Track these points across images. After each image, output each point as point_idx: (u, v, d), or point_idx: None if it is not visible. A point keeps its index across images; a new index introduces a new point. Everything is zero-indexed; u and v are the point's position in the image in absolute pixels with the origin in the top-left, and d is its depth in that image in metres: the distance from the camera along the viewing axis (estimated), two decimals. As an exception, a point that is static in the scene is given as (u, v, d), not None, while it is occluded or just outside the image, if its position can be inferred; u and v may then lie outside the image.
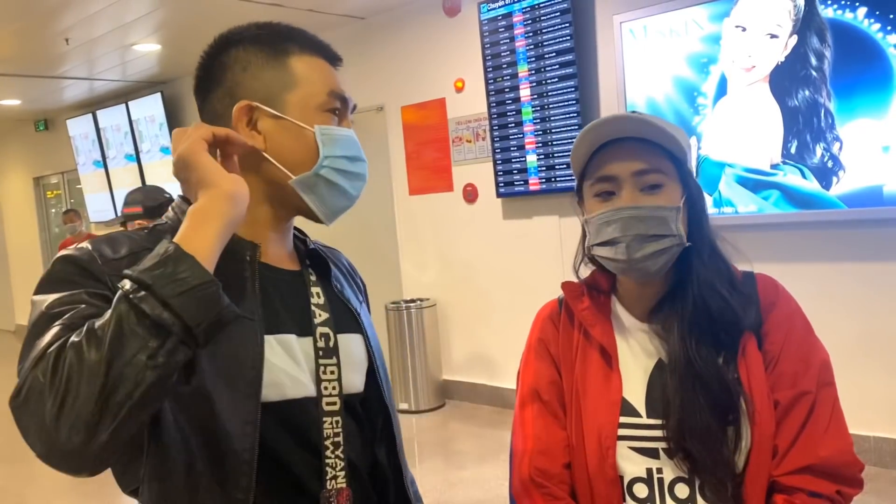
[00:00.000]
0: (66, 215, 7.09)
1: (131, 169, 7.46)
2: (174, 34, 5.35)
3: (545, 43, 4.29)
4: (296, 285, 1.02)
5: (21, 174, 9.88)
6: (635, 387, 1.14)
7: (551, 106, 4.32)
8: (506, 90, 4.52)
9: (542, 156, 4.43)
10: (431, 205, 5.14)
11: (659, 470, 1.10)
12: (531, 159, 4.48)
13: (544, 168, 4.43)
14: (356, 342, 1.05)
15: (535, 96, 4.38)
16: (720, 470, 1.05)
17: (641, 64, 3.90)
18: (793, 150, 3.46)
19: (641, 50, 3.89)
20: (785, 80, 3.44)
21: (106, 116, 7.61)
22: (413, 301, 5.09)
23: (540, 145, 4.43)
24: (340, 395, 0.99)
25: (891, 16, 3.15)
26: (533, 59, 4.36)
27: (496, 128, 4.61)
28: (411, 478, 1.14)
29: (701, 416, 1.05)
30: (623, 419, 1.11)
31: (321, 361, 0.98)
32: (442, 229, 5.12)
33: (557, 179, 4.38)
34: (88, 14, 4.72)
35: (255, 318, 0.93)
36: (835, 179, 3.36)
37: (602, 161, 1.12)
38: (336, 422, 0.97)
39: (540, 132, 4.41)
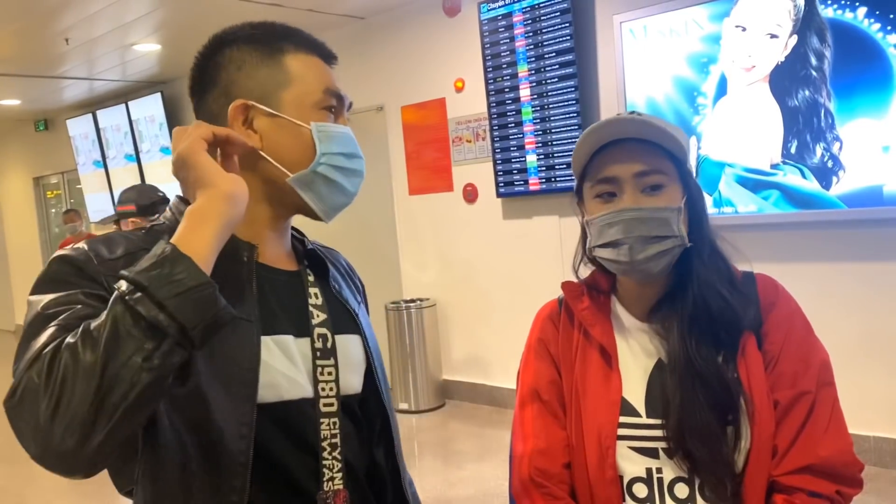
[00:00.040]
0: (67, 215, 7.09)
1: (131, 169, 7.46)
2: (174, 34, 5.35)
3: (545, 43, 4.29)
4: (294, 286, 1.01)
5: (21, 174, 9.88)
6: (635, 387, 1.14)
7: (551, 106, 4.32)
8: (506, 90, 4.52)
9: (542, 156, 4.43)
10: (431, 205, 5.14)
11: (658, 470, 1.10)
12: (531, 159, 4.48)
13: (544, 168, 4.43)
14: (354, 343, 1.05)
15: (535, 96, 4.38)
16: (720, 469, 1.05)
17: (641, 64, 3.90)
18: (793, 150, 3.46)
19: (641, 50, 3.89)
20: (785, 80, 3.44)
21: (106, 116, 7.61)
22: (413, 301, 5.09)
23: (540, 145, 4.43)
24: (338, 397, 0.98)
25: (891, 16, 3.15)
26: (533, 59, 4.36)
27: (496, 128, 4.61)
28: (409, 479, 1.13)
29: (701, 415, 1.05)
30: (623, 419, 1.12)
31: (318, 362, 0.97)
32: (442, 229, 5.11)
33: (557, 179, 4.38)
34: (88, 14, 4.72)
35: (252, 320, 0.92)
36: (835, 179, 3.36)
37: (603, 162, 1.12)
38: (333, 423, 0.96)
39: (540, 132, 4.41)
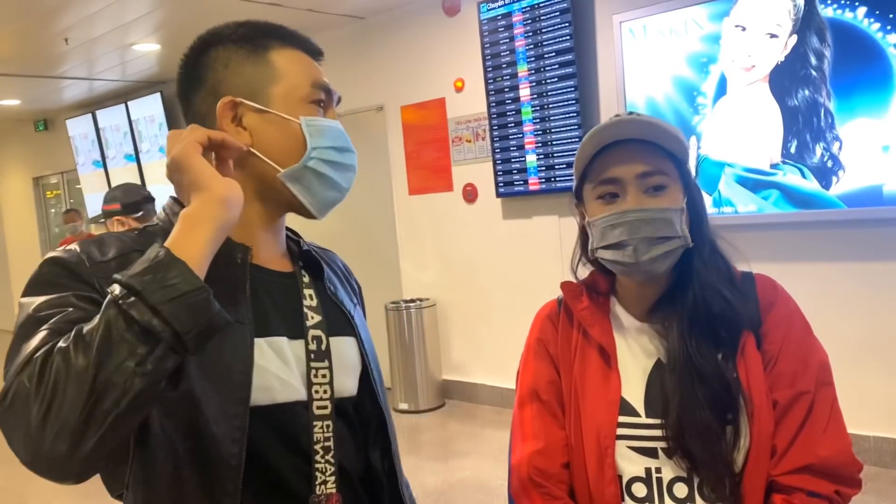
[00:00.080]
0: (67, 214, 7.10)
1: (131, 169, 7.46)
2: (173, 34, 5.34)
3: (545, 43, 4.29)
4: (288, 287, 1.00)
5: (21, 174, 9.88)
6: (634, 386, 1.14)
7: (551, 106, 4.32)
8: (505, 90, 4.52)
9: (542, 155, 4.43)
10: (431, 205, 5.14)
11: (658, 469, 1.10)
12: (531, 159, 4.48)
13: (544, 168, 4.43)
14: (349, 345, 1.04)
15: (535, 96, 4.38)
16: (719, 468, 1.05)
17: (641, 64, 3.90)
18: (792, 150, 3.46)
19: (641, 50, 3.89)
20: (785, 80, 3.44)
21: (105, 116, 7.61)
22: (413, 301, 5.09)
23: (539, 145, 4.43)
24: (332, 399, 0.97)
25: (890, 15, 3.15)
26: (532, 59, 4.36)
27: (496, 127, 4.60)
28: (406, 481, 1.13)
29: (700, 414, 1.05)
30: (622, 419, 1.12)
31: (312, 365, 0.96)
32: (442, 229, 5.11)
33: (557, 179, 4.38)
34: (88, 14, 4.72)
35: (246, 322, 0.91)
36: (834, 179, 3.36)
37: (605, 163, 1.12)
38: (326, 426, 0.95)
39: (539, 132, 4.41)
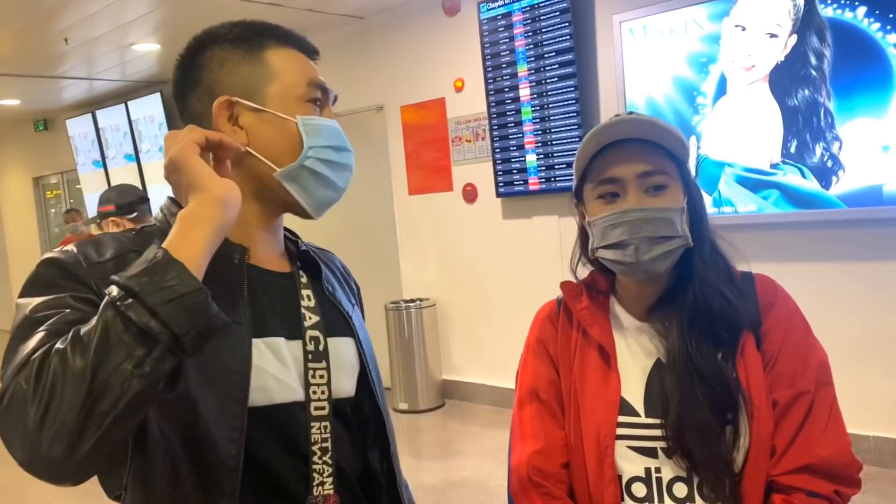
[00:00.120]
0: (68, 214, 7.11)
1: (131, 169, 7.46)
2: (173, 34, 5.34)
3: (545, 42, 4.29)
4: (286, 288, 1.00)
5: (20, 174, 9.88)
6: (634, 386, 1.14)
7: (551, 105, 4.32)
8: (505, 90, 4.52)
9: (542, 155, 4.43)
10: (431, 205, 5.14)
11: (657, 469, 1.10)
12: (531, 159, 4.48)
13: (544, 168, 4.43)
14: (347, 346, 1.04)
15: (535, 96, 4.38)
16: (719, 467, 1.05)
17: (641, 63, 3.90)
18: (792, 150, 3.46)
19: (641, 49, 3.89)
20: (784, 80, 3.44)
21: (105, 116, 7.61)
22: (413, 301, 5.09)
23: (539, 145, 4.42)
24: (329, 400, 0.97)
25: (890, 15, 3.15)
26: (532, 59, 4.36)
27: (496, 127, 4.60)
28: (405, 483, 1.12)
29: (700, 413, 1.05)
30: (621, 418, 1.12)
31: (310, 365, 0.96)
32: (442, 229, 5.11)
33: (557, 179, 4.38)
34: (88, 14, 4.72)
35: (244, 323, 0.91)
36: (834, 179, 3.36)
37: (605, 163, 1.12)
38: (324, 427, 0.95)
39: (539, 132, 4.41)
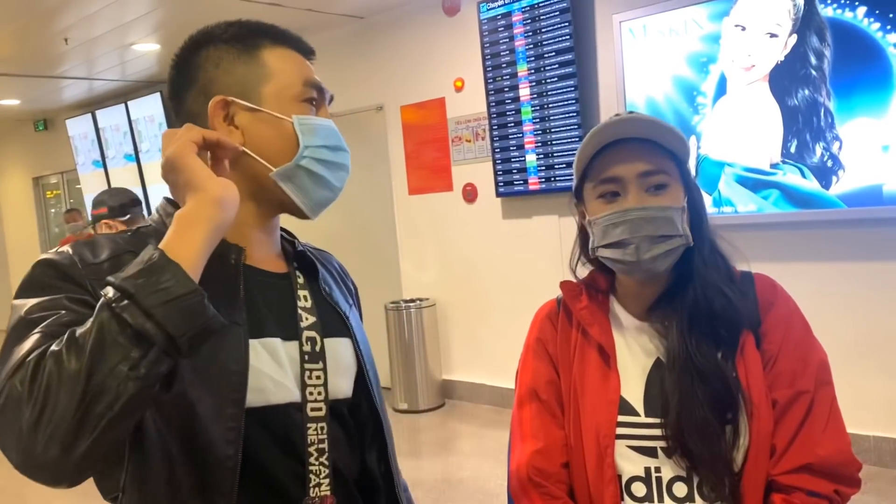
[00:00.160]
0: (69, 214, 7.12)
1: (130, 169, 7.46)
2: (173, 34, 5.34)
3: (545, 42, 4.29)
4: (282, 288, 0.99)
5: (20, 174, 9.88)
6: (634, 386, 1.13)
7: (551, 105, 4.32)
8: (505, 90, 4.52)
9: (542, 155, 4.43)
10: (431, 204, 5.14)
11: (657, 469, 1.10)
12: (530, 159, 4.47)
13: (544, 167, 4.43)
14: (344, 346, 1.03)
15: (535, 96, 4.38)
16: (718, 466, 1.05)
17: (641, 63, 3.90)
18: (792, 150, 3.46)
19: (641, 49, 3.88)
20: (784, 80, 3.44)
21: (105, 116, 7.61)
22: (413, 301, 5.09)
23: (539, 145, 4.42)
24: (326, 401, 0.96)
25: (890, 15, 3.14)
26: (532, 59, 4.36)
27: (495, 127, 4.60)
28: (404, 484, 1.12)
29: (699, 413, 1.05)
30: (621, 418, 1.11)
31: (306, 366, 0.96)
32: (441, 229, 5.11)
33: (557, 179, 4.38)
34: (88, 14, 4.72)
35: (241, 323, 0.90)
36: (834, 179, 3.35)
37: (606, 162, 1.12)
38: (321, 428, 0.95)
39: (539, 132, 4.41)
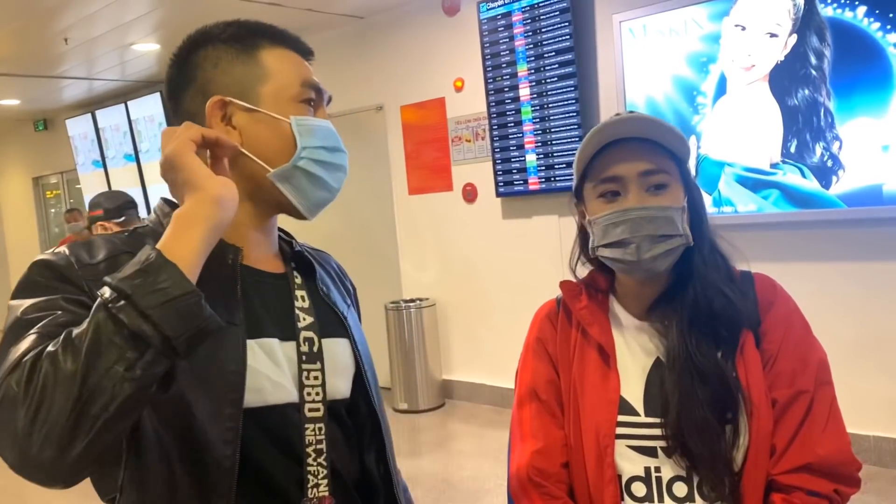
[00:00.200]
0: (70, 214, 7.13)
1: (130, 169, 7.46)
2: (173, 34, 5.34)
3: (544, 42, 4.29)
4: (280, 288, 0.99)
5: (20, 174, 9.88)
6: (633, 385, 1.13)
7: (551, 105, 4.32)
8: (505, 89, 4.52)
9: (542, 155, 4.42)
10: (431, 204, 5.14)
11: (657, 469, 1.10)
12: (530, 159, 4.47)
13: (544, 167, 4.43)
14: (342, 347, 1.03)
15: (535, 95, 4.38)
16: (718, 466, 1.05)
17: (641, 63, 3.90)
18: (792, 150, 3.46)
19: (641, 49, 3.88)
20: (784, 80, 3.44)
21: (105, 116, 7.61)
22: (413, 301, 5.09)
23: (539, 145, 4.42)
24: (324, 401, 0.96)
25: (890, 15, 3.14)
26: (532, 59, 4.36)
27: (495, 127, 4.60)
28: (404, 485, 1.12)
29: (699, 412, 1.05)
30: (621, 418, 1.11)
31: (304, 366, 0.95)
32: (441, 229, 5.11)
33: (557, 179, 4.38)
34: (87, 14, 4.72)
35: (239, 323, 0.90)
36: (834, 179, 3.35)
37: (606, 162, 1.12)
38: (319, 428, 0.94)
39: (539, 131, 4.41)
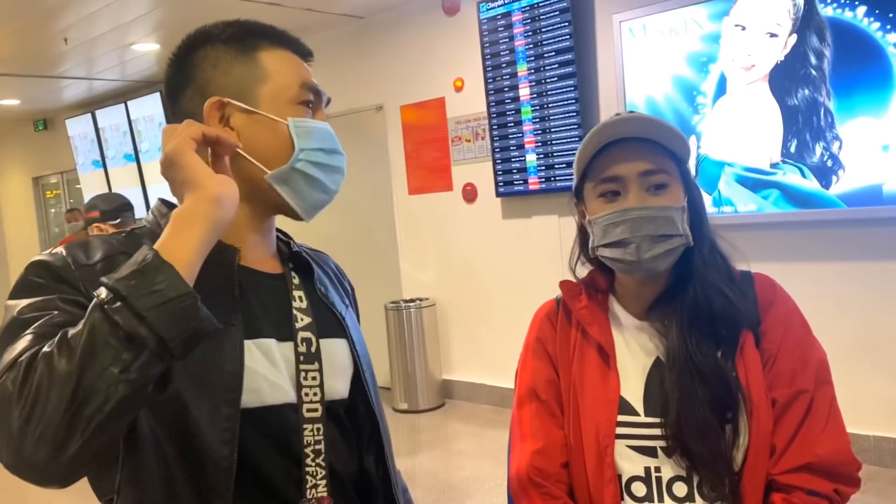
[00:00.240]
0: (70, 213, 7.14)
1: (130, 169, 7.46)
2: (173, 34, 5.33)
3: (544, 42, 4.29)
4: (277, 289, 0.99)
5: (20, 174, 9.88)
6: (633, 385, 1.13)
7: (550, 105, 4.32)
8: (505, 89, 4.52)
9: (542, 155, 4.42)
10: (431, 204, 5.14)
11: (657, 468, 1.10)
12: (530, 158, 4.47)
13: (543, 167, 4.43)
14: (340, 347, 1.02)
15: (535, 95, 4.38)
16: (718, 466, 1.05)
17: (641, 63, 3.89)
18: (792, 150, 3.46)
19: (641, 49, 3.88)
20: (784, 79, 3.44)
21: (105, 116, 7.60)
22: (413, 301, 5.09)
23: (539, 144, 4.42)
24: (322, 402, 0.96)
25: (890, 14, 3.14)
26: (532, 59, 4.36)
27: (495, 127, 4.60)
28: (403, 485, 1.11)
29: (699, 412, 1.05)
30: (621, 418, 1.11)
31: (302, 367, 0.95)
32: (441, 229, 5.11)
33: (557, 179, 4.38)
34: (87, 14, 4.72)
35: (236, 324, 0.90)
36: (834, 178, 3.35)
37: (606, 161, 1.12)
38: (317, 429, 0.94)
39: (539, 131, 4.41)
